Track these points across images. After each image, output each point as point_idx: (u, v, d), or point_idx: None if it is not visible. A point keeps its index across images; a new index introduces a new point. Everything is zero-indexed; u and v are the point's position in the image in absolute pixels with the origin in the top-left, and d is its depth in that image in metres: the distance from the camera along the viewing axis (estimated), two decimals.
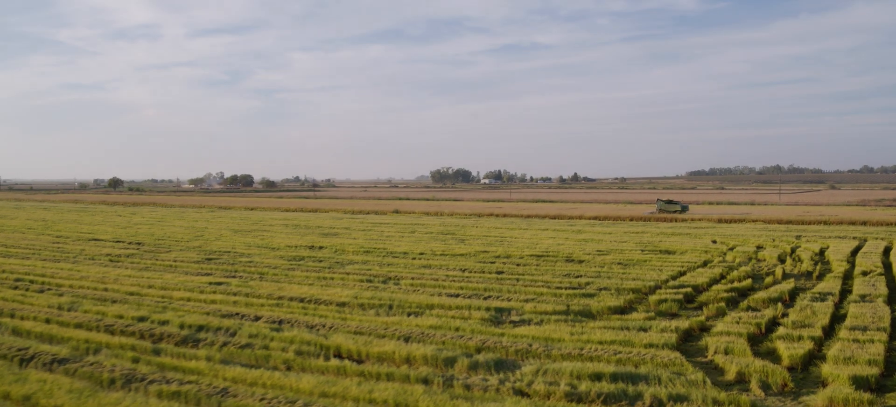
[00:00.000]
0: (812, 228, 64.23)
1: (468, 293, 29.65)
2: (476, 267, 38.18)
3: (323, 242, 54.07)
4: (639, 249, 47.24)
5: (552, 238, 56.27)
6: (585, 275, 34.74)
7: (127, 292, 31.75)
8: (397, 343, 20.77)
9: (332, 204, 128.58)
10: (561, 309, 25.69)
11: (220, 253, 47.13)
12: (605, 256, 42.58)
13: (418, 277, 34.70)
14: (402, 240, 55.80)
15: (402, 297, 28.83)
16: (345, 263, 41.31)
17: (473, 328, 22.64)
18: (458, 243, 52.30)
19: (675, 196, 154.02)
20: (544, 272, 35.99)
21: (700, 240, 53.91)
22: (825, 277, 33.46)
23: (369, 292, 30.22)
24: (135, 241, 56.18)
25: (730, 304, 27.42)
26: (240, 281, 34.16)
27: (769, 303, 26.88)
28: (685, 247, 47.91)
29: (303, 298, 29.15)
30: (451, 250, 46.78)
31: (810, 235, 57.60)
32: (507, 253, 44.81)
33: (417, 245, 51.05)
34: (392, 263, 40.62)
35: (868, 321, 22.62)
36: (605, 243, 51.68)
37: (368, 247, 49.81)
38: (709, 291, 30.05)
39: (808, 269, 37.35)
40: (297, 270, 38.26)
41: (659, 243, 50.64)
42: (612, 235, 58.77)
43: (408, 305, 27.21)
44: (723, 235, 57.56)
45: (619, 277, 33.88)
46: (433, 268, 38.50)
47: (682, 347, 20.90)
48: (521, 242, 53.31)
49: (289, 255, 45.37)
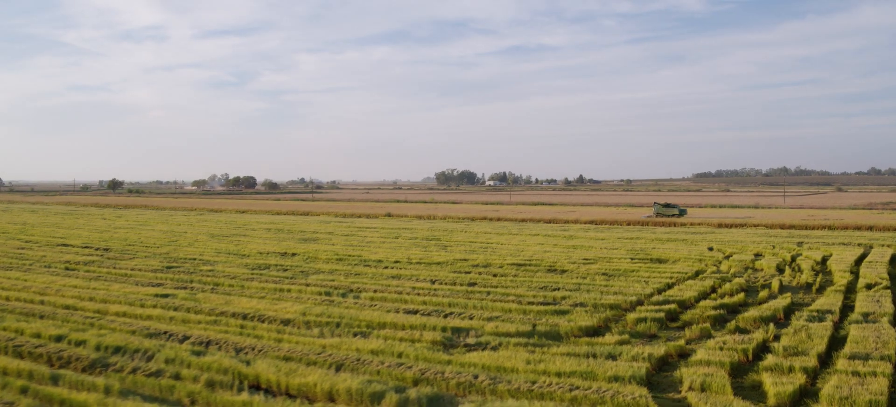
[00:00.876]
0: (815, 234, 61.15)
1: (429, 309, 26.88)
2: (448, 278, 35.40)
3: (298, 248, 51.40)
4: (629, 257, 44.36)
5: (540, 244, 53.42)
6: (564, 288, 31.90)
7: (62, 306, 29.14)
8: (325, 373, 18.02)
9: (326, 207, 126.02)
10: (525, 330, 22.89)
11: (184, 261, 44.51)
12: (591, 266, 39.73)
13: (382, 290, 31.95)
14: (382, 246, 53.07)
15: (355, 313, 26.09)
16: (311, 272, 38.60)
17: (419, 354, 19.86)
18: (440, 250, 49.53)
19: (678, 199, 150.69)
20: (520, 284, 33.18)
21: (696, 247, 50.96)
22: (825, 291, 30.53)
23: (321, 308, 27.49)
24: (104, 246, 53.66)
25: (717, 323, 24.56)
26: (188, 293, 31.48)
27: (761, 323, 23.99)
28: (678, 255, 44.99)
29: (246, 315, 26.44)
30: (430, 258, 44.00)
31: (813, 241, 54.56)
32: (487, 261, 42.01)
33: (396, 252, 48.30)
34: (360, 273, 37.89)
35: (871, 347, 19.73)
36: (595, 250, 48.79)
37: (344, 254, 47.09)
38: (695, 307, 27.18)
39: (808, 280, 34.41)
40: (257, 280, 35.57)
41: (651, 251, 47.72)
42: (604, 242, 55.86)
43: (357, 324, 24.46)
44: (721, 242, 54.59)
45: (600, 290, 31.04)
46: (402, 278, 35.75)
47: (654, 378, 18.08)
48: (505, 248, 50.49)
49: (255, 263, 42.70)
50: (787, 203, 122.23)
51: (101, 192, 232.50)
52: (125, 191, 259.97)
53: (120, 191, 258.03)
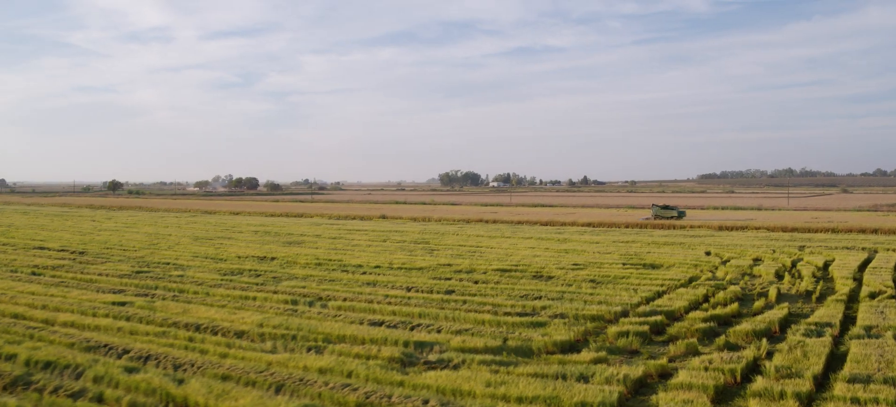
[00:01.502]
0: (818, 237, 58.97)
1: (396, 320, 24.95)
2: (426, 285, 33.48)
3: (279, 251, 49.55)
4: (621, 262, 42.35)
5: (531, 248, 51.44)
6: (546, 296, 29.92)
7: (10, 314, 27.41)
8: (260, 396, 16.13)
9: (322, 208, 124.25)
10: (494, 345, 20.94)
11: (157, 265, 42.72)
12: (580, 271, 37.74)
13: (353, 298, 30.04)
14: (368, 250, 51.18)
15: (316, 324, 24.18)
16: (284, 277, 36.72)
17: (370, 374, 17.93)
18: (426, 254, 47.61)
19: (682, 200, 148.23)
20: (501, 292, 31.21)
21: (693, 251, 48.90)
22: (826, 301, 28.47)
23: (282, 318, 25.60)
24: (81, 250, 51.90)
25: (705, 337, 22.55)
26: (147, 301, 29.63)
27: (753, 337, 21.98)
28: (673, 260, 42.95)
29: (199, 325, 24.57)
30: (413, 263, 42.08)
31: (815, 245, 52.43)
32: (471, 266, 40.05)
33: (379, 256, 46.42)
34: (335, 279, 35.99)
35: (873, 367, 17.73)
36: (587, 255, 46.80)
37: (324, 258, 45.20)
38: (684, 319, 25.18)
39: (808, 287, 32.34)
40: (225, 286, 33.70)
41: (645, 256, 45.70)
42: (598, 246, 53.85)
43: (314, 337, 22.56)
44: (719, 246, 52.51)
45: (585, 299, 29.05)
46: (378, 285, 33.82)
47: (628, 404, 16.12)
48: (494, 252, 48.53)
49: (230, 268, 40.85)
50: (791, 205, 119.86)
51: (101, 194, 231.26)
52: (125, 192, 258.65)
53: (120, 192, 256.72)
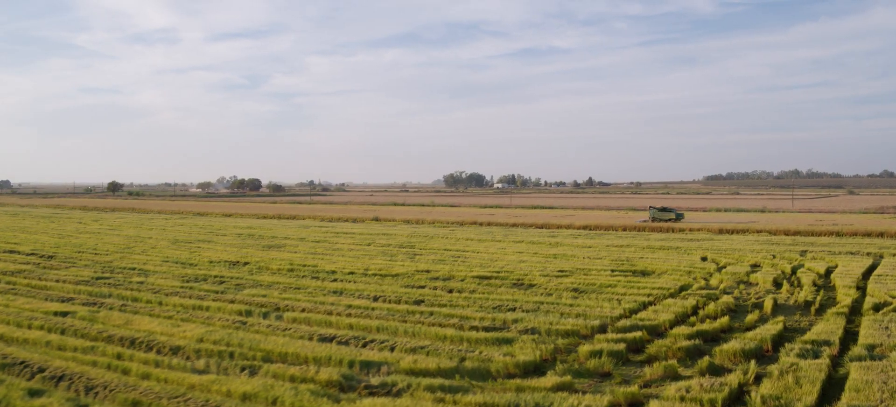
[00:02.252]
0: (821, 241, 56.42)
1: (349, 336, 22.71)
2: (395, 294, 31.22)
3: (255, 256, 47.41)
4: (610, 268, 39.99)
5: (519, 253, 49.12)
6: (521, 307, 27.62)
7: None
8: None
9: (317, 210, 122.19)
10: (449, 366, 18.66)
11: (122, 270, 40.64)
12: (564, 279, 35.42)
13: (313, 309, 27.81)
14: (347, 254, 48.98)
15: (260, 340, 21.97)
16: (249, 285, 34.53)
17: (297, 401, 15.71)
18: (407, 260, 45.37)
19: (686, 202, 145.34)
20: (473, 302, 28.92)
21: (688, 257, 46.49)
22: (826, 313, 26.07)
23: (227, 332, 23.40)
24: (51, 253, 49.89)
25: (689, 357, 20.22)
26: (92, 311, 27.53)
27: (742, 358, 19.65)
28: (666, 266, 40.57)
29: (134, 340, 22.41)
30: (390, 269, 39.82)
31: (818, 249, 49.92)
32: (450, 273, 37.78)
33: (357, 261, 44.22)
34: (302, 287, 33.77)
35: (875, 398, 15.40)
36: (576, 261, 44.47)
37: (299, 263, 43.01)
38: (667, 335, 22.83)
39: (808, 297, 29.92)
40: (181, 295, 31.53)
41: (637, 261, 43.32)
42: (591, 250, 51.48)
43: (253, 355, 20.35)
44: (717, 250, 50.07)
45: (563, 310, 26.73)
46: (345, 294, 31.57)
47: None
48: (479, 258, 46.24)
49: (195, 274, 38.69)
50: (795, 207, 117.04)
51: (99, 195, 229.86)
52: (125, 194, 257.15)
53: (119, 194, 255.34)
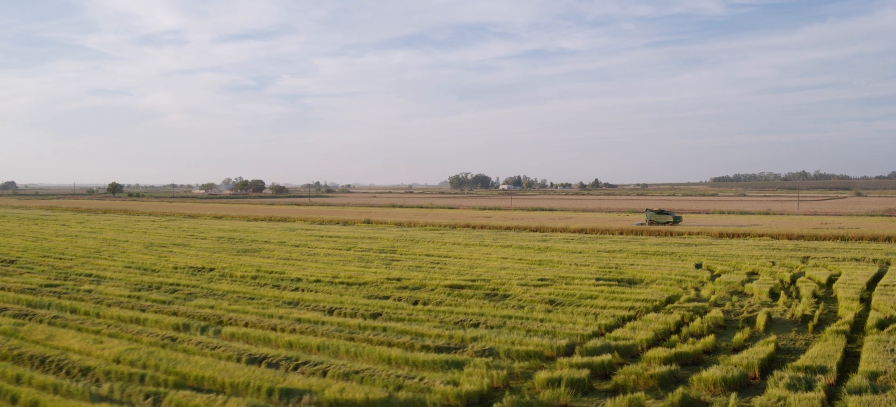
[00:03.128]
0: (825, 246, 53.49)
1: (280, 357, 20.12)
2: (354, 306, 28.64)
3: (224, 261, 44.98)
4: (596, 276, 37.29)
5: (503, 259, 46.46)
6: (487, 322, 24.99)
7: None
8: None
9: (311, 212, 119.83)
10: (379, 397, 16.07)
11: (76, 276, 38.28)
12: (543, 289, 32.75)
13: (258, 323, 25.28)
14: (322, 260, 46.47)
15: (181, 360, 19.44)
16: (200, 295, 32.02)
17: None
18: (382, 266, 42.83)
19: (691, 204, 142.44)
20: (436, 316, 26.30)
21: (682, 263, 43.72)
22: (824, 331, 23.30)
23: (150, 349, 20.88)
24: (14, 258, 47.61)
25: (661, 387, 17.53)
26: (19, 323, 25.22)
27: (723, 387, 16.98)
28: (656, 274, 37.84)
29: (45, 360, 20.00)
30: (360, 277, 37.25)
31: (821, 255, 47.05)
32: (422, 282, 35.17)
33: (329, 268, 41.71)
34: (257, 297, 31.27)
35: None
36: (562, 268, 41.80)
37: (266, 270, 40.52)
38: (642, 358, 20.15)
39: (806, 311, 27.17)
40: (122, 306, 29.05)
41: (626, 269, 40.60)
42: (580, 256, 48.78)
43: (165, 379, 17.88)
44: (714, 256, 47.28)
45: (531, 326, 24.07)
46: (299, 306, 29.00)
47: None
48: (458, 264, 43.63)
49: (151, 281, 36.23)
50: (801, 209, 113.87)
51: (98, 197, 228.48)
52: (125, 195, 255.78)
53: (119, 195, 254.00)
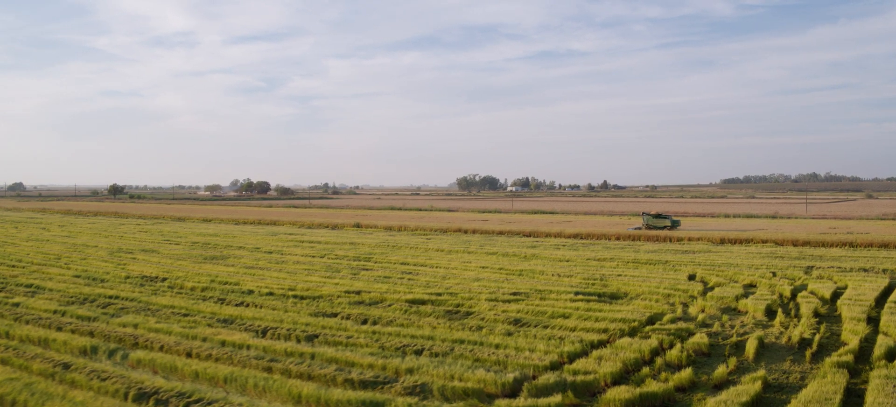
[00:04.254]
0: (831, 254, 49.87)
1: (174, 393, 17.03)
2: (294, 325, 25.49)
3: (182, 270, 42.02)
4: (576, 290, 33.95)
5: (481, 268, 43.19)
6: (434, 347, 21.77)
7: None
8: None
9: (302, 214, 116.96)
10: None
11: (15, 286, 35.41)
12: (511, 305, 29.49)
13: (174, 346, 22.19)
14: (290, 268, 43.40)
15: (59, 394, 16.43)
16: (133, 310, 28.97)
17: None
18: (348, 277, 39.74)
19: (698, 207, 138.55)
20: (379, 339, 23.10)
21: (674, 274, 40.33)
22: (824, 363, 19.94)
23: (27, 381, 17.94)
24: None
25: None
26: None
27: None
28: (643, 287, 34.49)
29: None
30: (317, 289, 34.12)
31: (826, 264, 43.52)
32: (383, 296, 31.99)
33: (291, 277, 38.69)
34: (192, 313, 28.17)
35: None
36: (543, 278, 38.53)
37: (222, 280, 37.49)
38: (601, 399, 16.87)
39: (804, 334, 23.79)
40: (38, 324, 26.12)
41: (612, 280, 37.26)
42: (567, 264, 45.47)
43: None
44: (711, 266, 43.85)
45: (483, 353, 20.84)
46: (234, 325, 25.88)
47: None
48: (431, 274, 40.44)
49: (90, 294, 33.25)
50: (809, 212, 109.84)
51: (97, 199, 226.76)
52: (126, 196, 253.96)
53: (120, 196, 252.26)
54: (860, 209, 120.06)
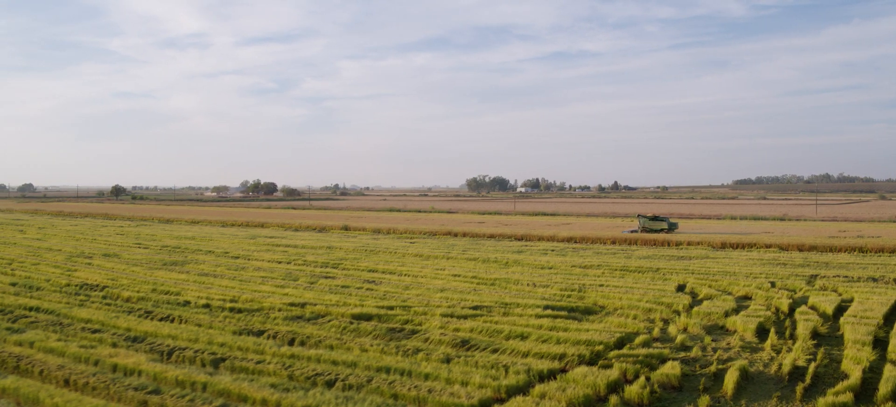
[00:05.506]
0: (838, 260, 45.98)
1: None
2: (204, 347, 22.18)
3: (129, 277, 38.94)
4: (548, 303, 30.44)
5: (452, 277, 39.73)
6: (348, 378, 18.36)
7: None
8: None
9: (294, 216, 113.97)
10: None
11: None
12: (466, 322, 26.04)
13: (53, 372, 19.03)
14: (248, 274, 40.17)
15: None
16: (44, 325, 25.81)
17: None
18: (304, 286, 36.52)
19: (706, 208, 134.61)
20: (294, 365, 19.74)
21: (663, 284, 36.71)
22: (816, 403, 16.35)
23: None
24: None
25: None
26: None
27: None
28: (624, 300, 30.94)
29: None
30: (259, 301, 30.83)
31: (833, 272, 39.73)
32: (327, 310, 28.63)
33: (240, 286, 35.51)
34: (106, 329, 24.91)
35: None
36: (514, 289, 35.06)
37: (165, 289, 34.32)
38: None
39: (798, 361, 20.20)
40: None
41: (592, 291, 33.71)
42: (548, 272, 41.97)
43: None
44: (706, 274, 40.18)
45: (402, 388, 17.43)
46: (143, 344, 22.57)
47: None
48: (395, 284, 37.10)
49: (12, 305, 30.08)
50: (819, 214, 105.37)
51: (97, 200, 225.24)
52: (128, 197, 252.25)
53: (123, 197, 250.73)
54: (872, 211, 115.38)
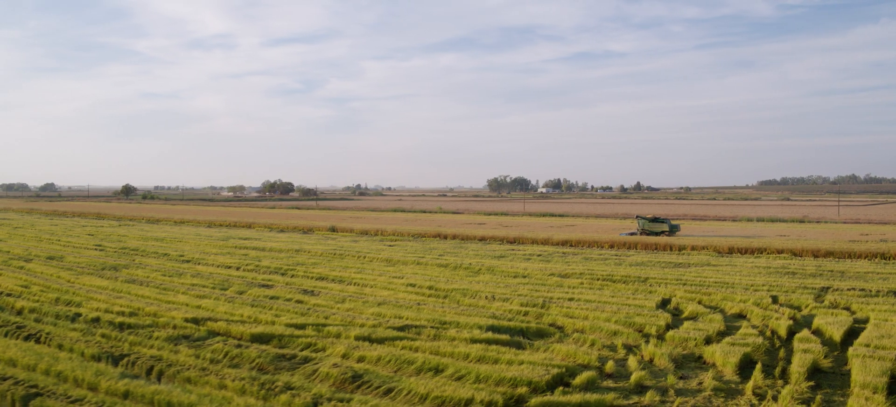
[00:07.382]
0: (855, 269, 40.35)
1: None
2: (28, 378, 17.63)
3: (53, 282, 34.74)
4: (501, 321, 25.53)
5: (408, 286, 34.94)
6: None
7: None
8: None
9: (290, 215, 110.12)
10: None
11: None
12: (381, 348, 21.25)
13: None
14: (181, 282, 35.80)
15: None
16: None
17: None
18: (224, 299, 31.96)
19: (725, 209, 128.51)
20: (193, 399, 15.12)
21: (644, 298, 31.54)
22: None
23: None
24: None
25: None
26: None
27: None
28: (589, 320, 25.94)
29: None
30: (158, 316, 26.39)
31: (848, 283, 34.26)
32: (226, 329, 24.03)
33: (160, 296, 31.21)
34: None
35: None
36: (468, 302, 30.22)
37: (70, 299, 30.11)
38: None
39: None
40: None
41: (559, 307, 28.70)
42: (523, 280, 37.06)
43: None
44: (700, 285, 34.96)
45: None
46: None
47: None
48: (335, 294, 32.46)
49: None
50: (842, 215, 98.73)
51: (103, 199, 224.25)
52: (138, 197, 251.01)
53: (133, 196, 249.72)
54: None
